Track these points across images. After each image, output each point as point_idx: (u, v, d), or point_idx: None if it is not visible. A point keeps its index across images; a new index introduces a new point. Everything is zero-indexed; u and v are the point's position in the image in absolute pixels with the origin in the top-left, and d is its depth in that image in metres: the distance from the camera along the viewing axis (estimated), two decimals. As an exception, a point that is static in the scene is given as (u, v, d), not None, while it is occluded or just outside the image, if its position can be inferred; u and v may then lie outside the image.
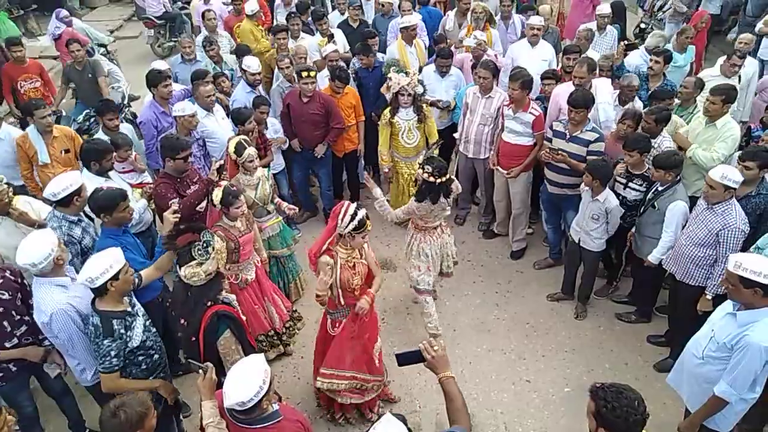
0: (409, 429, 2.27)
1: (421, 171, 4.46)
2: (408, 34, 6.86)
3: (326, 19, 7.59)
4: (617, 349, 4.94)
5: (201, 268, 3.34)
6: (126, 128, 5.62)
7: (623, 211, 4.80)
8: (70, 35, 8.39)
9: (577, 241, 5.05)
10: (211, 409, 2.75)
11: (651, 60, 5.98)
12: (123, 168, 4.95)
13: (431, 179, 4.39)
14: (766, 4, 8.30)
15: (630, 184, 4.79)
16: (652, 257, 4.54)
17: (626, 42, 6.92)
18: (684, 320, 4.41)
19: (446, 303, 5.41)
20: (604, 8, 7.89)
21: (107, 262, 3.13)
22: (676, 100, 5.52)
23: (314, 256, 3.84)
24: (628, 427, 2.33)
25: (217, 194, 4.13)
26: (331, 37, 7.20)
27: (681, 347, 3.63)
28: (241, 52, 6.82)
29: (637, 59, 6.52)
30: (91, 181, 4.32)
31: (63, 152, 5.27)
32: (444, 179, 4.43)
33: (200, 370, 2.89)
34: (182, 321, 3.43)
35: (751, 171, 4.14)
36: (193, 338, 3.40)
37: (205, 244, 3.41)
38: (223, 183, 4.24)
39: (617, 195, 4.78)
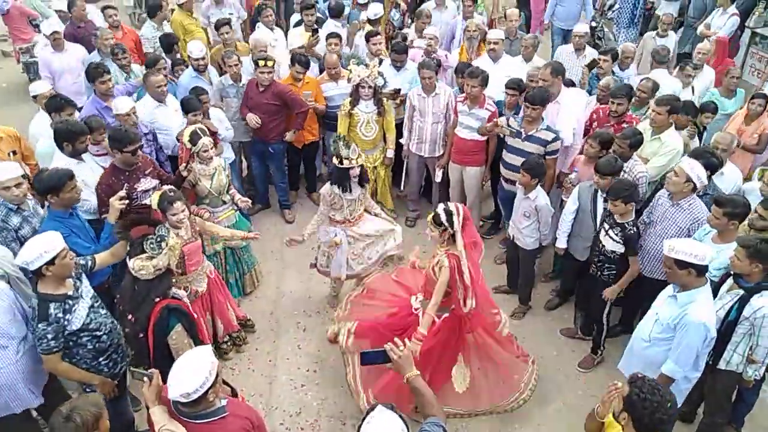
0: (400, 416, 2.28)
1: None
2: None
3: (315, 10, 7.02)
4: (565, 336, 5.10)
5: (151, 263, 3.28)
6: None
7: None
8: (19, 9, 8.03)
9: (511, 238, 5.12)
10: (161, 413, 2.67)
11: (600, 59, 6.11)
12: (97, 151, 4.75)
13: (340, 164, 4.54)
14: (705, 7, 8.61)
15: (610, 232, 4.28)
16: None
17: (587, 65, 6.51)
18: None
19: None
20: (581, 27, 6.89)
21: (42, 246, 3.09)
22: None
23: None
24: (651, 421, 2.46)
25: (154, 198, 3.99)
26: (315, 32, 6.81)
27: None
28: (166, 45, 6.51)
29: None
30: (63, 164, 4.24)
31: (11, 154, 4.93)
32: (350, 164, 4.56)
33: (145, 378, 2.77)
34: (130, 317, 3.37)
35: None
36: (141, 335, 3.35)
37: (159, 239, 3.35)
38: (165, 187, 4.09)
39: (598, 243, 4.42)
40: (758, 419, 4.28)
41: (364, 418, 2.28)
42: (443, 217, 3.76)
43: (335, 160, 4.58)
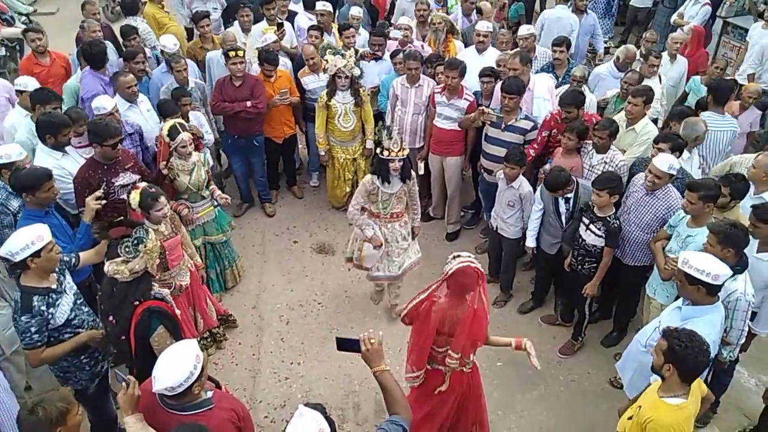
0: (328, 418, 2.25)
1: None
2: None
3: (275, 3, 6.86)
4: (545, 324, 5.17)
5: (126, 266, 3.24)
6: None
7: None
8: None
9: (495, 229, 5.16)
10: (134, 423, 2.59)
11: (555, 51, 6.04)
12: (79, 143, 4.64)
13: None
14: None
15: (591, 226, 4.32)
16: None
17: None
18: (627, 296, 4.79)
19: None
20: (524, 28, 6.47)
21: (30, 238, 3.07)
22: (611, 92, 5.73)
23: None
24: (695, 365, 2.68)
25: (134, 197, 3.84)
26: (280, 25, 6.65)
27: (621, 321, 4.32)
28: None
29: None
30: (47, 156, 4.28)
31: None
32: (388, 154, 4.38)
33: (123, 383, 2.67)
34: (110, 318, 3.33)
35: (663, 153, 4.32)
36: (123, 337, 3.32)
37: (135, 241, 3.30)
38: (142, 185, 3.98)
39: (578, 237, 4.45)
40: (733, 400, 4.41)
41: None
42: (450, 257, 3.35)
43: (377, 150, 4.46)
